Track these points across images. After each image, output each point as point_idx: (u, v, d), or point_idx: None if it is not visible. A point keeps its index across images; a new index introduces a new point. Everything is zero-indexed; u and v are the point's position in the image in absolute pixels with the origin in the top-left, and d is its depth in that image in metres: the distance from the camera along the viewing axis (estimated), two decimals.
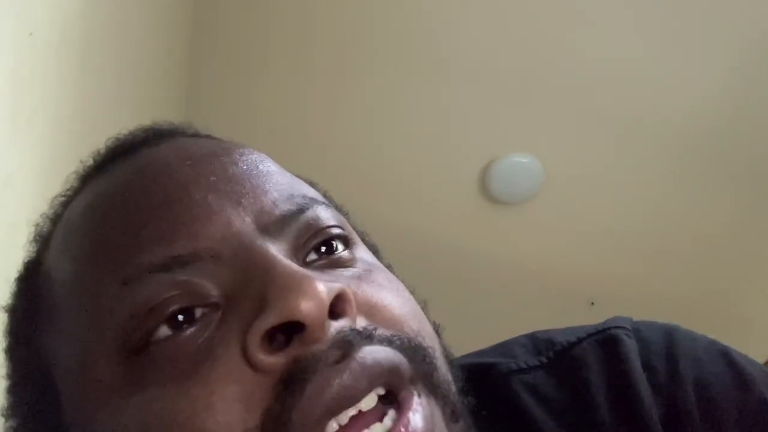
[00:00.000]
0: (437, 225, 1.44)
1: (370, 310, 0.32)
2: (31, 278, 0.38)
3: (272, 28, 1.30)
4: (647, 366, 0.38)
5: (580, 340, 0.40)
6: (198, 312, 0.31)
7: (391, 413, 0.29)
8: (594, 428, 0.37)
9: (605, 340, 0.40)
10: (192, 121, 0.43)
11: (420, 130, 1.38)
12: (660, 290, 1.46)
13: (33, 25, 0.64)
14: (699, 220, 1.43)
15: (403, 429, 0.28)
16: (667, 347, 0.39)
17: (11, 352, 0.38)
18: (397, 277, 0.37)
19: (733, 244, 1.44)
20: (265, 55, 1.32)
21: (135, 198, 0.34)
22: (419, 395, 0.30)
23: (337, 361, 0.28)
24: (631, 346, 0.39)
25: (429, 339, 0.34)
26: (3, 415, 0.37)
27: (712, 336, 0.42)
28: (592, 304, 1.49)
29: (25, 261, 0.39)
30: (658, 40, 1.30)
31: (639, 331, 0.40)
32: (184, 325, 0.30)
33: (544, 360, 0.40)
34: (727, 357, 0.38)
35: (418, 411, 0.30)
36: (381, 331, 0.31)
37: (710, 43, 1.29)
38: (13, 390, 0.37)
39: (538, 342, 0.42)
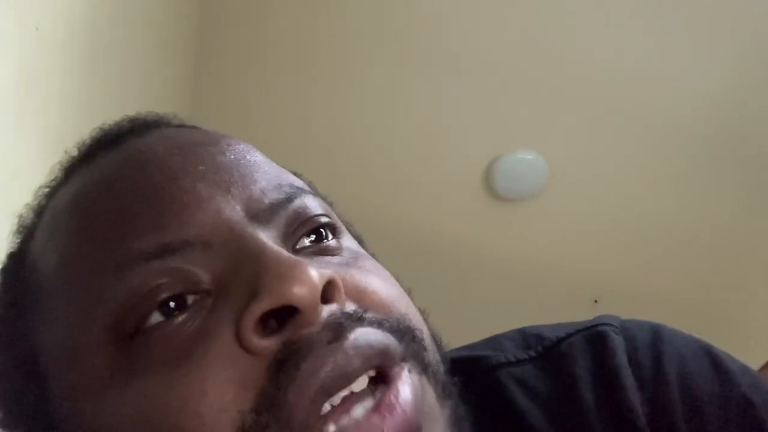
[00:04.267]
0: (442, 221, 1.44)
1: (358, 294, 0.32)
2: (16, 269, 0.38)
3: (277, 23, 1.30)
4: (633, 362, 0.38)
5: (568, 336, 0.41)
6: (190, 299, 0.31)
7: (381, 389, 0.30)
8: (580, 421, 0.37)
9: (593, 336, 0.40)
10: (198, 115, 0.44)
11: (425, 127, 1.38)
12: (663, 288, 1.46)
13: (39, 20, 0.65)
14: (703, 218, 1.42)
15: (393, 398, 0.29)
16: (653, 344, 0.39)
17: None
18: (382, 265, 0.37)
19: (737, 243, 1.44)
20: (269, 50, 1.32)
21: (123, 187, 0.34)
22: (410, 371, 0.31)
23: (330, 342, 0.29)
24: (618, 342, 0.39)
25: (416, 321, 0.34)
26: None
27: (714, 334, 0.43)
28: (596, 301, 1.49)
29: (9, 252, 0.39)
30: (662, 37, 1.30)
31: (626, 328, 0.41)
32: (176, 312, 0.30)
33: (533, 354, 0.41)
34: (709, 354, 0.39)
35: (408, 383, 0.30)
36: (371, 314, 0.31)
37: (715, 39, 1.29)
38: None
39: (527, 336, 0.43)
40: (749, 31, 1.27)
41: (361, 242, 0.40)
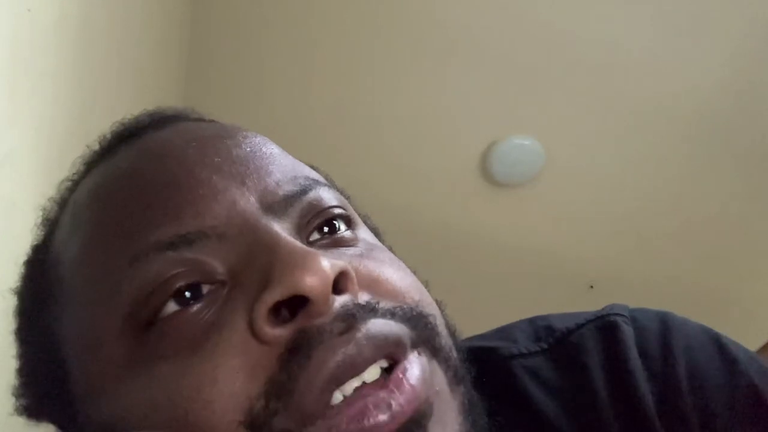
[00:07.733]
0: (438, 207, 1.44)
1: (371, 284, 0.33)
2: (40, 261, 0.38)
3: (273, 5, 1.29)
4: (643, 352, 0.39)
5: (579, 327, 0.41)
6: (205, 288, 0.31)
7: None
8: (593, 411, 0.38)
9: (604, 326, 0.41)
10: (191, 95, 0.44)
11: (421, 111, 1.37)
12: (659, 274, 1.46)
13: (31, 1, 0.64)
14: (699, 203, 1.43)
15: (401, 374, 0.29)
16: (662, 334, 0.40)
17: (21, 333, 0.39)
18: (398, 257, 0.38)
19: (732, 228, 1.45)
20: (265, 32, 1.31)
21: (141, 179, 0.34)
22: (419, 354, 0.31)
23: (342, 333, 0.29)
24: (628, 333, 0.40)
25: (430, 308, 0.35)
26: (13, 395, 0.39)
27: (709, 318, 0.43)
28: (591, 287, 1.49)
29: (33, 244, 0.40)
30: (660, 23, 1.29)
31: (635, 318, 0.41)
32: (191, 301, 0.31)
33: (544, 346, 0.41)
34: (717, 343, 0.39)
35: (416, 362, 0.31)
36: (383, 304, 0.32)
37: (714, 27, 1.28)
38: (23, 370, 0.39)
39: (537, 328, 0.43)
40: (753, 19, 1.27)
41: (377, 234, 0.41)
